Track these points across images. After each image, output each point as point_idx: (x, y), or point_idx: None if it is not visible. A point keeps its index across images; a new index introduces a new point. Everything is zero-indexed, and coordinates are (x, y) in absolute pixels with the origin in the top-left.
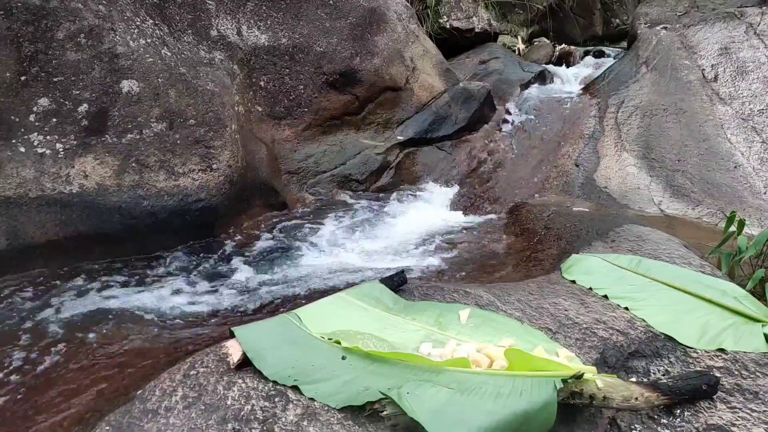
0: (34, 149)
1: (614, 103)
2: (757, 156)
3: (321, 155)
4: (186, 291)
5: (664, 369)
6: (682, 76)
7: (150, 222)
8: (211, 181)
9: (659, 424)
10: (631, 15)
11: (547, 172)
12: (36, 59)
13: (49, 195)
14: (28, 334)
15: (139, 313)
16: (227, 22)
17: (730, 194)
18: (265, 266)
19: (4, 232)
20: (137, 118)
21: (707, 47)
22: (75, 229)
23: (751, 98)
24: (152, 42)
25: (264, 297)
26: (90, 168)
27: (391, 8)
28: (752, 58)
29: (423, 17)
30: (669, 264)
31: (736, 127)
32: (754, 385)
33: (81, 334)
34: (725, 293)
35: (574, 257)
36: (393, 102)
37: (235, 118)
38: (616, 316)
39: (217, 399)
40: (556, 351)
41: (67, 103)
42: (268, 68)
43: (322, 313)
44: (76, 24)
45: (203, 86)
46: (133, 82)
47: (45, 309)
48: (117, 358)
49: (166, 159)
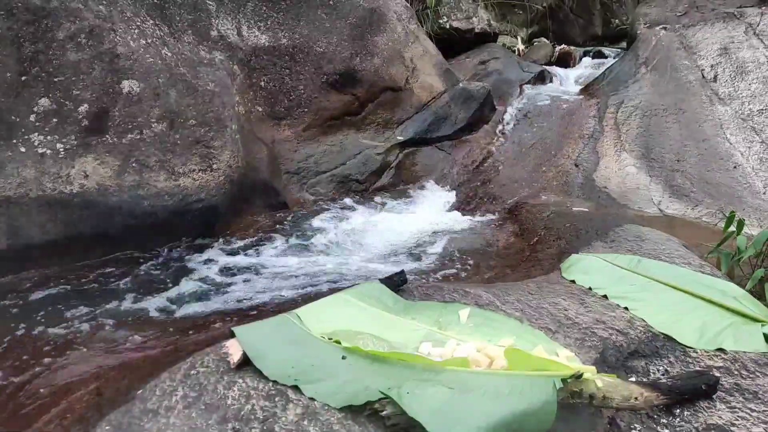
0: (35, 149)
1: (614, 104)
2: (756, 156)
3: (321, 155)
4: (186, 291)
5: (664, 369)
6: (682, 77)
7: (150, 222)
8: (211, 181)
9: (659, 424)
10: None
11: (546, 172)
12: (36, 59)
13: (49, 195)
14: (27, 334)
15: (140, 313)
16: (227, 22)
17: (729, 194)
18: (265, 266)
19: (4, 231)
20: (137, 118)
21: (707, 47)
22: (75, 229)
23: (751, 98)
24: (152, 42)
25: (264, 297)
26: (90, 168)
27: (391, 9)
28: (752, 58)
29: (423, 18)
30: (668, 264)
31: (735, 127)
32: (753, 384)
33: (81, 334)
34: (725, 293)
35: (573, 257)
36: (393, 102)
37: (236, 118)
38: (615, 316)
39: (218, 399)
40: (555, 351)
41: (68, 103)
42: (269, 68)
43: (322, 313)
44: (76, 24)
45: (203, 86)
46: (133, 82)
47: (45, 309)
48: (117, 357)
49: (166, 159)
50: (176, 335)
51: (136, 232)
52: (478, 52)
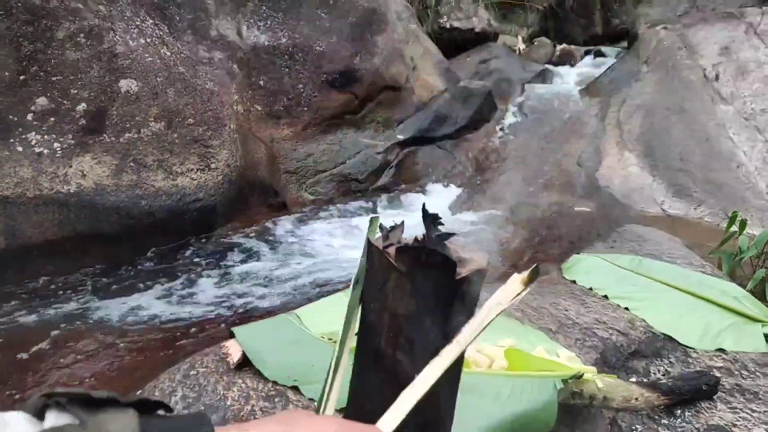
0: (32, 148)
1: (615, 103)
2: (759, 155)
3: (320, 155)
4: (185, 291)
5: (665, 369)
6: (684, 76)
7: (148, 222)
8: (209, 180)
9: (659, 425)
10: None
11: (548, 172)
12: (35, 59)
13: (46, 194)
14: (27, 334)
15: (138, 313)
16: (227, 21)
17: (732, 194)
18: (264, 266)
19: (1, 231)
20: (135, 117)
21: (708, 47)
22: (73, 228)
23: (753, 98)
24: (152, 41)
25: (263, 296)
26: (88, 167)
27: (391, 8)
28: (753, 58)
29: (423, 17)
30: (670, 264)
31: (738, 127)
32: (754, 385)
33: (79, 335)
34: (725, 293)
35: (574, 257)
36: (393, 101)
37: (234, 117)
38: (616, 317)
39: (217, 399)
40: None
41: (66, 102)
42: (268, 67)
43: (322, 313)
44: (75, 24)
45: (202, 85)
46: (131, 81)
47: (44, 309)
48: (116, 358)
49: (164, 158)
50: (175, 336)
51: (133, 232)
52: (479, 52)
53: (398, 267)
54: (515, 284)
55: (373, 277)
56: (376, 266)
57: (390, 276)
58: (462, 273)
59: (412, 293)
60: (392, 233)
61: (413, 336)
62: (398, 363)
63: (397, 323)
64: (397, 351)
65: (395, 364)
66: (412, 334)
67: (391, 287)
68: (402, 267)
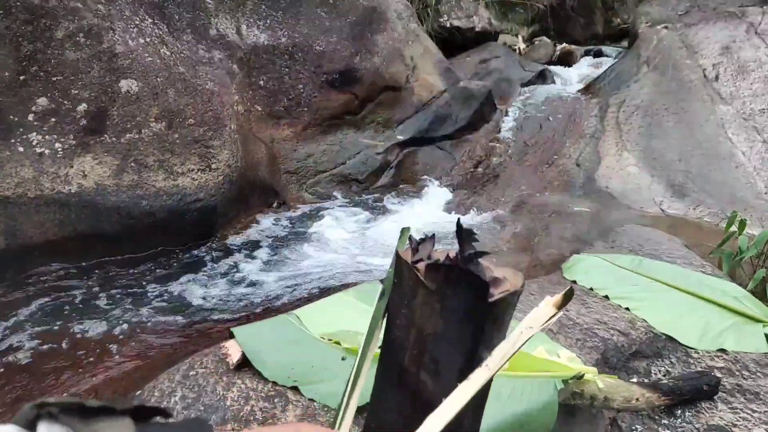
0: (33, 149)
1: (615, 103)
2: (758, 156)
3: (320, 155)
4: (185, 291)
5: (665, 369)
6: (684, 76)
7: (149, 222)
8: (210, 180)
9: (660, 425)
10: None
11: (547, 172)
12: (35, 58)
13: (47, 195)
14: (26, 334)
15: (138, 313)
16: (227, 21)
17: (731, 194)
18: (264, 266)
19: (2, 231)
20: (136, 117)
21: (708, 47)
22: (74, 229)
23: (753, 98)
24: (151, 41)
25: (263, 297)
26: (89, 168)
27: (391, 7)
28: (753, 58)
29: (423, 16)
30: (670, 264)
31: (737, 127)
32: (755, 385)
33: (79, 335)
34: (726, 293)
35: (575, 257)
36: (393, 101)
37: (235, 117)
38: (617, 317)
39: (217, 400)
40: (557, 351)
41: (66, 102)
42: (268, 67)
43: (322, 314)
44: (75, 23)
45: (202, 85)
46: (132, 81)
47: (43, 309)
48: (116, 358)
49: (164, 159)
50: (174, 336)
51: (134, 232)
52: (479, 51)
53: (427, 284)
54: (548, 307)
55: (400, 290)
56: (404, 280)
57: (418, 292)
58: (495, 295)
59: (440, 313)
60: (422, 246)
61: (439, 356)
62: (422, 383)
63: (423, 341)
64: (421, 371)
65: (418, 383)
66: (437, 354)
67: (419, 303)
68: (431, 285)
